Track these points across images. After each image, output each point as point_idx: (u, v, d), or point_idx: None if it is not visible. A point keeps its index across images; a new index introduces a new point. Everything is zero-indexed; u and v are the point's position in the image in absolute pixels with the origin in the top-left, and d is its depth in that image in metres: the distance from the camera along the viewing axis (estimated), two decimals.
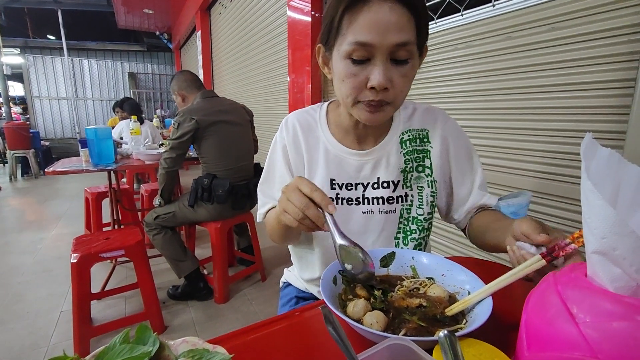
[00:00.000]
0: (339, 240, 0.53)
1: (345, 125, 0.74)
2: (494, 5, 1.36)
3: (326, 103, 0.79)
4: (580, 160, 1.12)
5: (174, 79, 2.10)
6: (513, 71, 1.30)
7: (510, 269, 0.49)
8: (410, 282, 0.56)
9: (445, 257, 0.61)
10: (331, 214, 0.53)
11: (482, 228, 0.70)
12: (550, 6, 1.16)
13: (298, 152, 0.75)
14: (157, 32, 8.95)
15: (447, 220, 0.81)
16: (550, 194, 1.23)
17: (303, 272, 0.84)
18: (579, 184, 1.17)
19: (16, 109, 8.82)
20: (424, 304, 0.49)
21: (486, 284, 0.50)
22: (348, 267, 0.54)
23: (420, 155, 0.74)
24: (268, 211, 0.76)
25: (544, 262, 0.44)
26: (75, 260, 1.50)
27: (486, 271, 0.72)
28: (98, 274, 2.14)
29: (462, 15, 1.50)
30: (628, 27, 0.97)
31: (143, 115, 3.99)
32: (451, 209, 0.78)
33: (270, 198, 0.76)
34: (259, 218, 0.79)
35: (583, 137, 0.35)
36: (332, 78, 0.66)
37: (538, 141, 1.24)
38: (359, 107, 0.62)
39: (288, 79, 2.99)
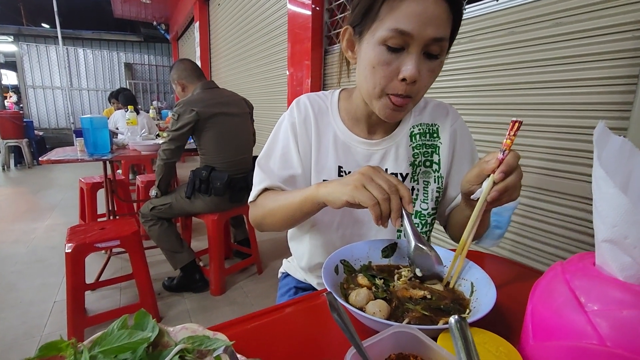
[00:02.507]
0: (415, 242, 0.53)
1: (357, 114, 0.72)
2: (497, 0, 1.35)
3: (337, 90, 0.77)
4: (583, 157, 1.12)
5: (173, 67, 2.06)
6: (515, 66, 1.29)
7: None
8: (409, 270, 0.55)
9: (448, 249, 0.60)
10: (408, 213, 0.52)
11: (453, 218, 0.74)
12: (553, 1, 1.16)
13: (307, 133, 0.73)
14: (155, 23, 8.83)
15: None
16: (551, 190, 1.23)
17: (300, 260, 0.83)
18: (581, 180, 1.17)
19: (13, 98, 8.68)
20: (428, 295, 0.49)
21: (490, 276, 0.49)
22: (418, 273, 0.54)
23: (429, 150, 0.74)
24: (263, 191, 0.72)
25: (493, 176, 0.50)
26: (69, 250, 1.48)
27: (489, 263, 0.72)
28: (93, 265, 2.13)
29: (464, 9, 1.49)
30: (632, 24, 0.97)
31: (139, 106, 3.95)
32: (439, 205, 0.78)
33: (269, 173, 0.73)
34: (251, 196, 0.75)
35: (585, 134, 0.35)
36: (357, 63, 0.64)
37: (539, 137, 1.24)
38: (384, 100, 0.61)
39: (287, 72, 2.97)
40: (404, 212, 0.51)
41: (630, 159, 0.35)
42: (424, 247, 0.53)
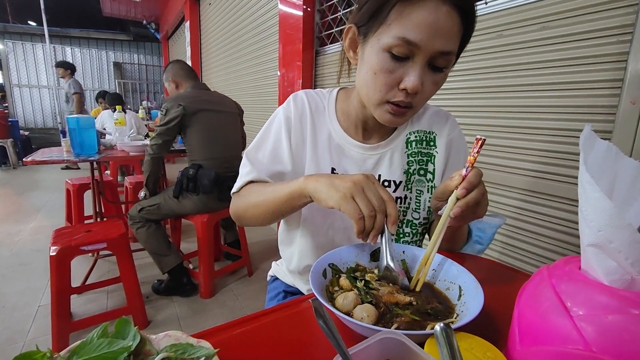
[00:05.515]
0: (387, 261, 0.53)
1: (353, 117, 0.70)
2: (486, 3, 1.36)
3: (336, 89, 0.75)
4: (569, 159, 1.13)
5: (168, 66, 2.09)
6: (503, 69, 1.30)
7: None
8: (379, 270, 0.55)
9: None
10: (390, 233, 0.51)
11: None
12: (541, 5, 1.17)
13: (302, 130, 0.71)
14: (144, 22, 8.71)
15: None
16: (539, 192, 1.24)
17: (289, 263, 0.82)
18: (569, 182, 1.17)
19: None
20: (414, 302, 0.48)
21: (478, 279, 0.49)
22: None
23: (424, 159, 0.72)
24: (248, 183, 0.70)
25: (456, 192, 0.51)
26: (54, 253, 1.45)
27: (477, 266, 0.72)
28: (79, 268, 2.08)
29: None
30: (617, 28, 0.98)
31: (128, 106, 3.90)
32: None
33: (256, 165, 0.70)
34: (235, 187, 0.72)
35: (571, 136, 0.35)
36: (358, 65, 0.62)
37: (526, 139, 1.25)
38: (383, 108, 0.59)
39: (278, 73, 2.95)
40: (386, 230, 0.51)
41: (615, 163, 0.35)
42: (393, 270, 0.53)
